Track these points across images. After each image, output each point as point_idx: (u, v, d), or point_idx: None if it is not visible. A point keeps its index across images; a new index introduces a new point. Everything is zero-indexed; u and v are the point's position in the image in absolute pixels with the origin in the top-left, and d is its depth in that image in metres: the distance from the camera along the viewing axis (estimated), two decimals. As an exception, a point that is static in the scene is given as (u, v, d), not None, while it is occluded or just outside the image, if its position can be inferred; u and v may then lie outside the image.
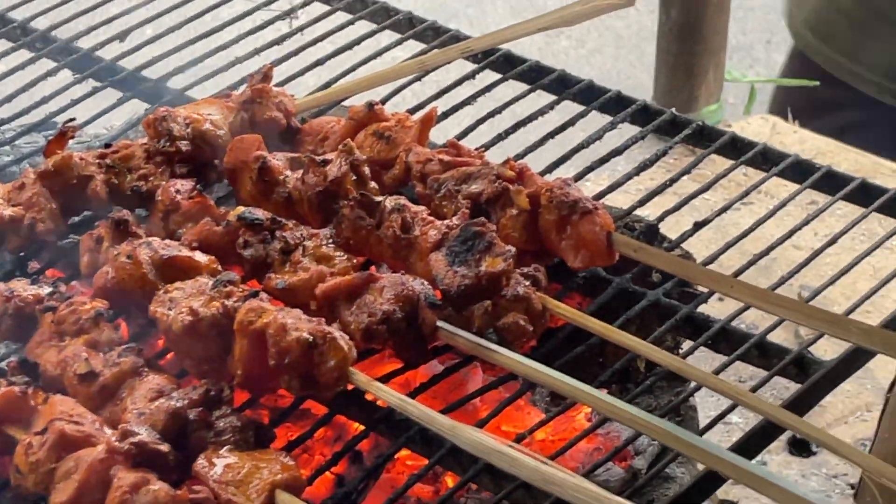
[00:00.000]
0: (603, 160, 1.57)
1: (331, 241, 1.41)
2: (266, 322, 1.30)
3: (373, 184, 1.47)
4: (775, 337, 1.37)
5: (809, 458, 1.80)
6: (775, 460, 1.79)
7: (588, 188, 1.46)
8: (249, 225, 1.41)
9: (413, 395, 1.32)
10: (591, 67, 4.66)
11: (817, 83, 3.14)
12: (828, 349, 1.34)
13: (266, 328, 1.29)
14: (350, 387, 1.30)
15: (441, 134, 1.57)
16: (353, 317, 1.33)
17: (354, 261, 1.40)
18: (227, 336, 1.31)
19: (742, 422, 1.32)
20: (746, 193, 1.51)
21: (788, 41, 4.93)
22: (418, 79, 1.67)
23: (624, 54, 4.40)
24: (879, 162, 2.38)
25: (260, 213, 1.42)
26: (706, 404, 1.36)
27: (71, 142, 1.63)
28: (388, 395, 1.28)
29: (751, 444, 1.28)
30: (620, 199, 1.54)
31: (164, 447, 1.23)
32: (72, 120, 1.57)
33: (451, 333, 1.32)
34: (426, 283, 1.35)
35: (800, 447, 1.82)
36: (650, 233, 1.51)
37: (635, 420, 1.25)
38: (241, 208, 1.44)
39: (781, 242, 1.46)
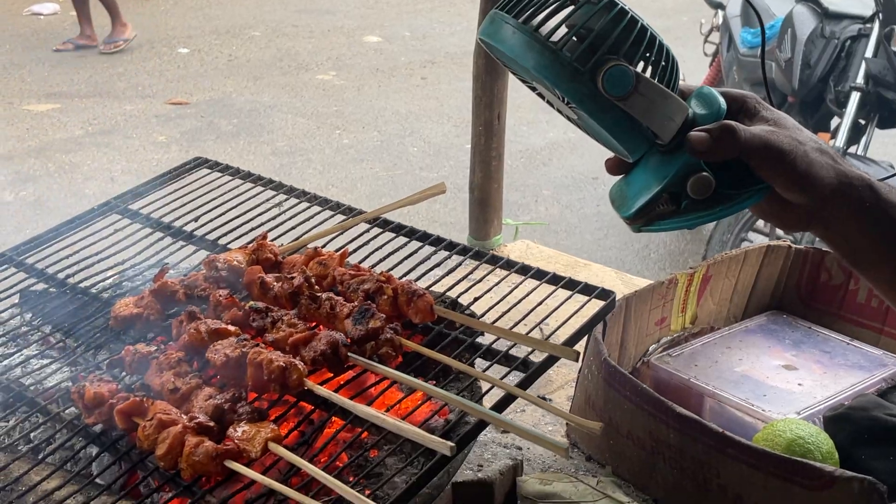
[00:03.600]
0: (429, 269, 1.59)
1: (296, 317, 1.42)
2: (262, 358, 1.31)
3: (317, 287, 1.47)
4: (513, 351, 1.38)
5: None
6: (529, 409, 1.78)
7: (423, 282, 1.47)
8: (256, 311, 1.42)
9: (337, 389, 1.33)
10: (438, 216, 4.65)
11: (546, 223, 3.14)
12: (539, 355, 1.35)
13: (263, 361, 1.30)
14: (305, 388, 1.31)
15: (352, 260, 1.58)
16: (307, 353, 1.34)
17: (308, 325, 1.41)
18: (243, 366, 1.32)
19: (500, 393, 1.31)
20: (499, 281, 1.53)
21: (549, 185, 4.96)
22: (340, 234, 1.66)
23: (457, 211, 4.41)
24: (579, 260, 2.39)
25: (261, 305, 1.43)
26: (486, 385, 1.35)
27: (171, 272, 1.64)
28: (323, 391, 1.29)
29: (500, 405, 1.29)
30: (439, 287, 1.55)
31: (211, 424, 1.23)
32: (167, 264, 1.57)
33: (356, 358, 1.34)
34: (343, 334, 1.36)
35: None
36: (453, 304, 1.53)
37: (443, 395, 1.27)
38: (252, 302, 1.44)
39: (517, 304, 1.48)
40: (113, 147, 5.58)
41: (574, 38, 0.93)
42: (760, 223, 3.81)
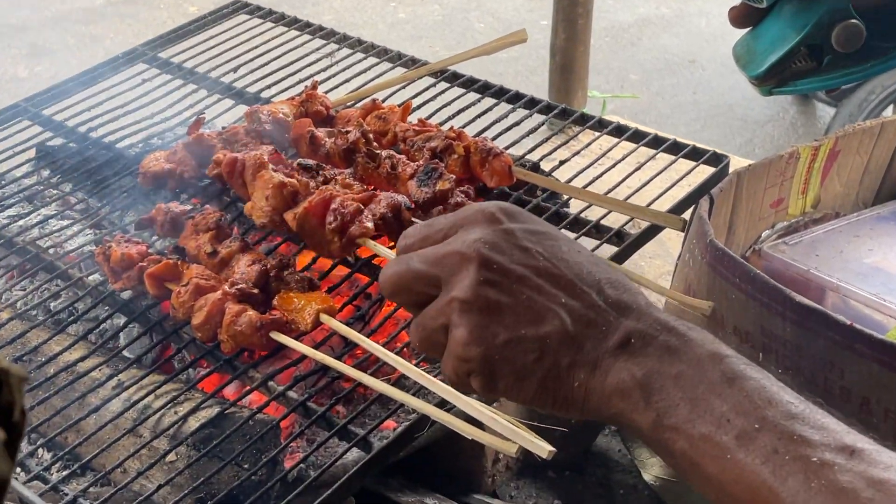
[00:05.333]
0: (506, 129, 1.53)
1: (351, 176, 1.38)
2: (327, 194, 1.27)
3: (375, 143, 1.42)
4: (605, 221, 1.34)
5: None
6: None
7: (499, 143, 1.42)
8: (304, 168, 1.38)
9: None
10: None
11: (638, 97, 3.06)
12: (634, 226, 1.30)
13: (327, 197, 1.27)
14: (364, 255, 1.27)
15: (414, 117, 1.53)
16: (364, 216, 1.30)
17: (366, 187, 1.37)
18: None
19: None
20: (589, 143, 1.47)
21: (637, 69, 4.85)
22: (402, 88, 1.61)
23: (532, 80, 4.32)
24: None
25: (311, 162, 1.38)
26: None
27: (205, 129, 1.61)
28: (384, 251, 1.24)
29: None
30: (518, 150, 1.50)
31: (255, 291, 1.21)
32: (202, 113, 1.53)
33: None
34: (406, 197, 1.32)
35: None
36: (534, 167, 1.47)
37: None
38: (300, 159, 1.40)
39: (609, 169, 1.43)
40: (138, 19, 5.56)
41: None
42: (889, 110, 3.65)
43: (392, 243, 1.32)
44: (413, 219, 1.28)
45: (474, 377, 0.71)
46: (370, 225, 1.23)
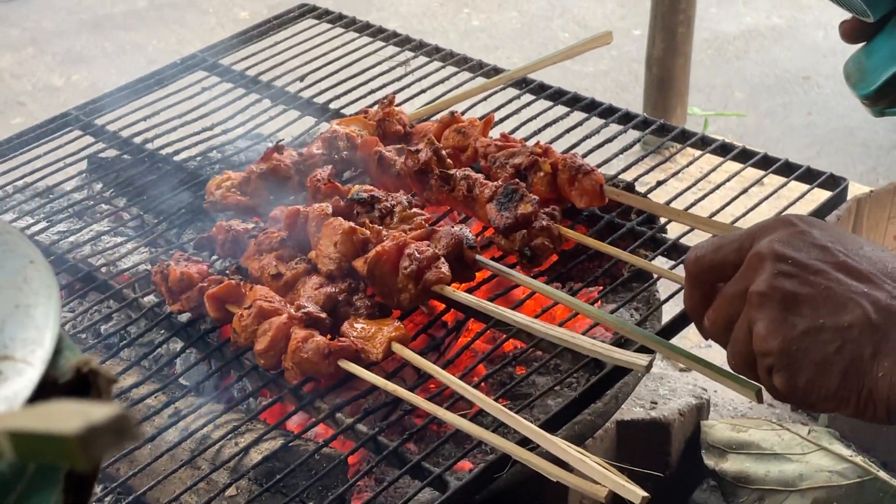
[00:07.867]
0: (598, 146, 1.59)
1: (410, 205, 1.42)
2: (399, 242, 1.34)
3: (449, 161, 1.48)
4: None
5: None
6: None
7: (588, 161, 1.47)
8: (358, 202, 1.44)
9: (474, 289, 1.36)
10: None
11: (745, 115, 3.07)
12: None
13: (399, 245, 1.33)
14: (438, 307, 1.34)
15: (496, 131, 1.59)
16: (421, 257, 1.36)
17: (427, 216, 1.42)
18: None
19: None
20: (689, 163, 1.52)
21: (744, 86, 4.84)
22: (483, 100, 1.68)
23: (622, 96, 4.35)
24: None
25: (364, 195, 1.44)
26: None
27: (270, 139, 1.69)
28: (469, 298, 1.30)
29: (681, 321, 1.28)
30: (610, 169, 1.55)
31: (323, 315, 1.28)
32: (281, 141, 1.60)
33: (485, 263, 1.35)
34: (469, 231, 1.37)
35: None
36: (628, 188, 1.52)
37: (595, 315, 1.25)
38: (355, 188, 1.45)
39: (712, 192, 1.48)
40: (184, 24, 5.74)
41: None
42: None
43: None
44: (478, 257, 1.34)
45: (776, 373, 0.79)
46: (447, 271, 1.30)
